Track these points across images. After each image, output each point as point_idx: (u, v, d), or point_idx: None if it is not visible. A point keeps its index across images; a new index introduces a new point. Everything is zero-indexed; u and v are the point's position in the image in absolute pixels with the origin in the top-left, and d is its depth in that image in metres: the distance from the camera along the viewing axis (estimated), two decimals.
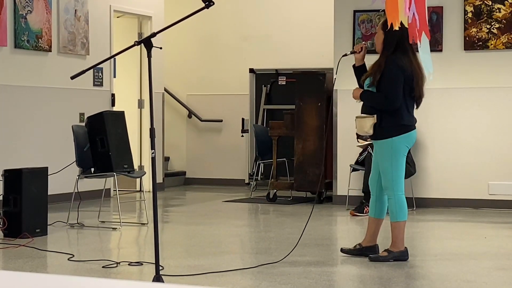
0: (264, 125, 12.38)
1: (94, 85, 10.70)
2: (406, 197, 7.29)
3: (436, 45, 9.66)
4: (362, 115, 6.36)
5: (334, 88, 10.02)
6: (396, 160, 6.24)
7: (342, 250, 6.50)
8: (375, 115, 6.25)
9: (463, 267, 6.09)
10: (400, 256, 6.28)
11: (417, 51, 6.04)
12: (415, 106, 6.39)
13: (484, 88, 9.71)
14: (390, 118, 6.24)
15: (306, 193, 10.85)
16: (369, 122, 6.25)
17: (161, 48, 5.59)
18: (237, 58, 13.10)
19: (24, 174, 7.34)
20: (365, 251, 6.40)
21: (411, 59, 6.26)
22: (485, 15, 9.64)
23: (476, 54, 9.73)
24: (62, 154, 9.61)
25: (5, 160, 8.98)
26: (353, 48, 6.65)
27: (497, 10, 9.60)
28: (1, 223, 7.36)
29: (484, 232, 7.88)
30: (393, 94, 6.19)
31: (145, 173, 9.08)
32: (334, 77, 6.72)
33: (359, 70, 6.52)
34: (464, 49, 9.76)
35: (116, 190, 8.39)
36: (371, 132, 6.28)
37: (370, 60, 6.46)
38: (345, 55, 6.57)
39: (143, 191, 10.63)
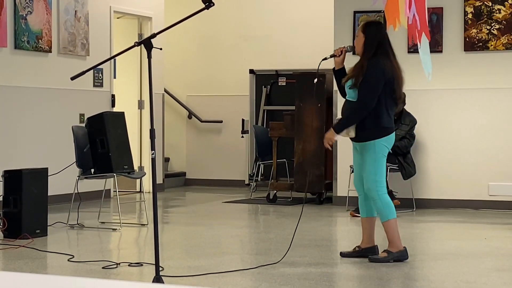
0: (264, 126, 12.38)
1: (94, 86, 10.71)
2: (406, 198, 7.32)
3: (436, 46, 9.66)
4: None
5: (334, 89, 10.03)
6: (379, 162, 6.28)
7: (342, 254, 6.49)
8: None
9: (463, 268, 6.09)
10: (400, 256, 6.27)
11: (416, 52, 6.05)
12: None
13: (484, 89, 9.71)
14: (371, 120, 6.26)
15: (306, 194, 10.85)
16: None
17: (161, 49, 5.59)
18: (237, 58, 13.10)
19: (24, 175, 7.34)
20: (365, 253, 6.40)
21: (392, 61, 6.31)
22: (485, 16, 9.64)
23: (476, 55, 9.73)
24: (62, 155, 9.61)
25: (5, 160, 8.98)
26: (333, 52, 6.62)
27: (497, 11, 9.61)
28: (1, 224, 7.37)
29: (484, 233, 7.89)
30: (369, 97, 6.21)
31: (145, 174, 9.08)
32: (315, 81, 6.69)
33: (339, 74, 6.54)
34: (464, 50, 9.76)
35: (116, 191, 8.39)
36: (353, 135, 6.30)
37: (351, 63, 6.48)
38: (325, 58, 6.54)
39: (143, 192, 10.63)
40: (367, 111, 6.21)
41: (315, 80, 6.68)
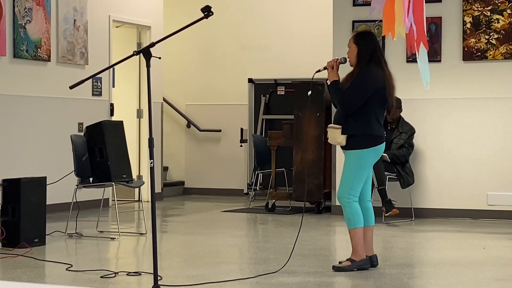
0: (263, 135, 12.38)
1: (93, 94, 10.71)
2: (404, 207, 7.25)
3: (435, 56, 9.67)
4: (335, 125, 6.34)
5: None
6: (359, 173, 6.25)
7: (335, 268, 6.37)
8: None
9: (462, 278, 6.08)
10: (363, 264, 6.25)
11: (414, 61, 6.05)
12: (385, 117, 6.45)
13: (483, 99, 9.72)
14: (361, 128, 6.23)
15: (304, 203, 10.84)
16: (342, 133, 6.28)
17: (160, 58, 5.60)
18: (236, 68, 13.11)
19: (22, 184, 7.34)
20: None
21: (384, 69, 6.30)
22: (484, 25, 9.66)
23: (475, 65, 9.74)
24: (60, 163, 9.60)
25: (3, 169, 8.97)
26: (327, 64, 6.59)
27: (496, 21, 9.62)
28: None
29: (483, 243, 7.88)
30: (351, 99, 6.22)
31: (143, 183, 9.08)
32: (309, 93, 6.66)
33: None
34: (463, 60, 9.77)
35: (114, 200, 8.38)
36: (344, 143, 6.27)
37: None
38: (319, 71, 6.53)
39: (141, 201, 10.60)
40: (344, 110, 6.24)
41: (309, 93, 6.66)
